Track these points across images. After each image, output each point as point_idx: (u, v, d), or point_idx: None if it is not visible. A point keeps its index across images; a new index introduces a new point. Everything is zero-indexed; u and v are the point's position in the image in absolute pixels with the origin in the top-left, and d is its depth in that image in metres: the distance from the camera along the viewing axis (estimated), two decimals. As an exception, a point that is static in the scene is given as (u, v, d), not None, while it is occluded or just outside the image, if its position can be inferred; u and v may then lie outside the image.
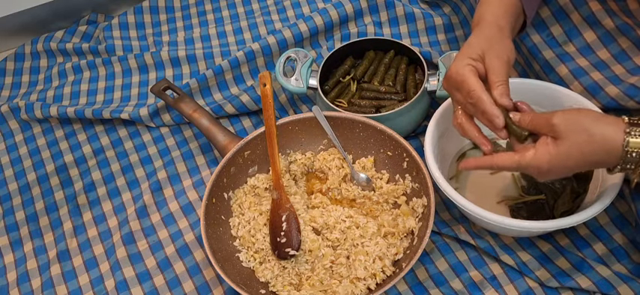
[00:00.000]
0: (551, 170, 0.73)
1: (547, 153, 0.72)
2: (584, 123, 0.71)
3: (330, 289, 0.84)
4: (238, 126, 1.10)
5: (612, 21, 0.88)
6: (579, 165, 0.73)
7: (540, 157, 0.73)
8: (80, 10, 1.29)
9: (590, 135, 0.70)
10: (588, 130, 0.70)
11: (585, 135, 0.70)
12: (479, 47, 0.78)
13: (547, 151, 0.72)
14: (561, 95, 0.89)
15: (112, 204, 1.03)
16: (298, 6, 1.27)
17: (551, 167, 0.73)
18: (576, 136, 0.70)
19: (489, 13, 0.82)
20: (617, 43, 0.89)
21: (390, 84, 1.05)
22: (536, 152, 0.73)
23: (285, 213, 0.91)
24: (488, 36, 0.80)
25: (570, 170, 0.74)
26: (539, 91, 0.90)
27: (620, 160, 0.70)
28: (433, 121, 0.89)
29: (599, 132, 0.70)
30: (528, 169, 0.75)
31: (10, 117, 1.16)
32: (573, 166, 0.73)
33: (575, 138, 0.70)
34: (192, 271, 0.93)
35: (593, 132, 0.70)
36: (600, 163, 0.72)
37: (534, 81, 0.91)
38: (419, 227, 0.88)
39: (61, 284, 0.94)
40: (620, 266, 0.85)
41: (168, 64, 1.19)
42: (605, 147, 0.70)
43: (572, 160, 0.71)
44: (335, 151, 0.98)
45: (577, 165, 0.72)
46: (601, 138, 0.70)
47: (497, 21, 0.81)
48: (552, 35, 0.94)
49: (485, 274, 0.87)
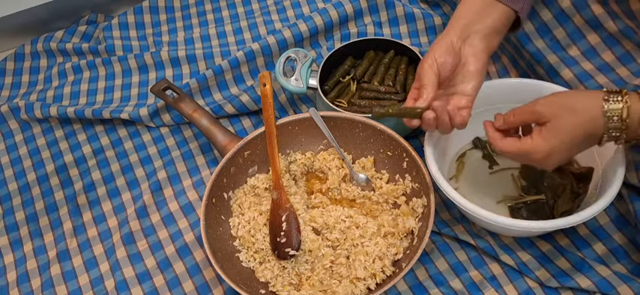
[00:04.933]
0: (552, 154, 0.75)
1: (542, 139, 0.75)
2: (566, 100, 0.75)
3: (330, 289, 0.84)
4: (238, 126, 1.10)
5: (615, 24, 0.88)
6: (575, 142, 0.74)
7: (538, 144, 0.75)
8: (80, 10, 1.29)
9: (573, 109, 0.73)
10: (571, 106, 0.73)
11: (569, 110, 0.73)
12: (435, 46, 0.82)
13: (542, 138, 0.75)
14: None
15: (111, 204, 1.03)
16: (298, 6, 1.27)
17: (551, 150, 0.75)
18: (562, 113, 0.73)
19: (457, 11, 0.85)
20: (621, 45, 0.89)
21: (390, 84, 1.05)
22: (533, 140, 0.75)
23: (285, 213, 0.91)
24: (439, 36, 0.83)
25: (569, 149, 0.75)
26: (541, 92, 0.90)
27: (604, 128, 0.73)
28: (433, 121, 0.89)
29: (581, 105, 0.73)
30: (530, 157, 0.76)
31: (10, 117, 1.16)
32: (570, 143, 0.74)
33: (562, 115, 0.73)
34: (192, 271, 0.93)
35: (576, 106, 0.73)
36: (590, 136, 0.74)
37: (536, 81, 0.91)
38: (419, 227, 0.88)
39: (61, 284, 0.94)
40: (619, 266, 0.85)
41: (168, 64, 1.19)
42: (589, 116, 0.73)
43: (567, 136, 0.74)
44: (335, 151, 0.98)
45: (573, 141, 0.74)
46: (583, 108, 0.73)
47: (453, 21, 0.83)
48: (556, 39, 0.94)
49: (485, 274, 0.87)
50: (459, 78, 0.82)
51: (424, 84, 0.80)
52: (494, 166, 0.95)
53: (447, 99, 0.81)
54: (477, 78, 0.81)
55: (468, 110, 0.81)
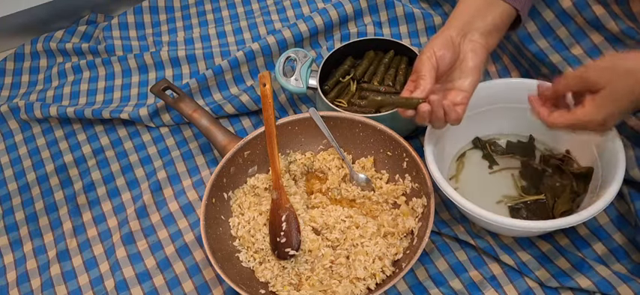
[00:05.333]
0: (608, 119, 0.74)
1: (597, 107, 0.73)
2: (618, 63, 0.72)
3: (330, 289, 0.84)
4: (238, 126, 1.10)
5: (616, 25, 0.88)
6: (631, 104, 0.73)
7: (593, 112, 0.73)
8: (80, 10, 1.29)
9: (628, 71, 0.71)
10: (626, 68, 0.72)
11: (624, 73, 0.72)
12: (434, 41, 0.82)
13: (597, 105, 0.73)
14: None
15: (111, 204, 1.03)
16: (298, 6, 1.27)
17: (608, 116, 0.73)
18: (617, 79, 0.72)
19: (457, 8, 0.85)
20: (624, 44, 0.89)
21: (389, 84, 1.05)
22: (587, 109, 0.74)
23: (284, 213, 0.91)
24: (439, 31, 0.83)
25: (626, 110, 0.74)
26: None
27: None
28: (433, 121, 0.89)
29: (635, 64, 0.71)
30: (585, 127, 0.75)
31: (9, 117, 1.16)
32: (627, 106, 0.73)
33: (617, 80, 0.71)
34: (191, 271, 0.93)
35: (630, 67, 0.71)
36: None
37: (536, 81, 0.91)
38: (419, 227, 0.88)
39: (61, 284, 0.94)
40: (619, 266, 0.85)
41: (168, 64, 1.19)
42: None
43: (625, 101, 0.72)
44: (335, 151, 0.98)
45: (630, 104, 0.73)
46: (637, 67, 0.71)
47: (453, 17, 0.84)
48: (559, 38, 0.94)
49: (485, 274, 0.87)
50: (457, 73, 0.81)
51: (422, 76, 0.79)
52: (494, 166, 0.95)
53: (443, 93, 0.81)
54: (475, 75, 0.81)
55: (463, 107, 0.80)
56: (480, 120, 0.95)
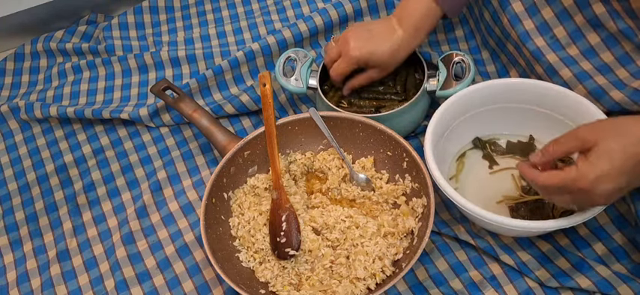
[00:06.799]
0: (601, 180, 0.69)
1: (588, 165, 0.69)
2: (611, 123, 0.71)
3: (330, 289, 0.84)
4: (238, 126, 1.10)
5: (615, 24, 0.88)
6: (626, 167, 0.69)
7: (584, 170, 0.70)
8: (80, 10, 1.29)
9: (620, 131, 0.69)
10: (618, 128, 0.70)
11: (616, 132, 0.69)
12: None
13: (588, 163, 0.69)
14: (565, 96, 0.89)
15: (111, 204, 1.03)
16: (298, 6, 1.27)
17: (600, 176, 0.69)
18: (608, 136, 0.69)
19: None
20: (621, 45, 0.89)
21: (389, 84, 1.05)
22: (579, 168, 0.70)
23: (284, 213, 0.91)
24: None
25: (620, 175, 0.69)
26: (542, 93, 0.91)
27: None
28: (433, 121, 0.89)
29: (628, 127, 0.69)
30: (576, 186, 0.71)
31: (9, 117, 1.16)
32: (620, 168, 0.69)
33: (608, 138, 0.69)
34: (191, 271, 0.93)
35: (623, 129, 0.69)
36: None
37: (537, 81, 0.91)
38: (419, 227, 0.88)
39: (61, 284, 0.94)
40: (619, 266, 0.85)
41: (168, 64, 1.19)
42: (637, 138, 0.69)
43: (617, 160, 0.69)
44: (335, 151, 0.98)
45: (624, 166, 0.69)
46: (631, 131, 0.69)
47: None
48: (556, 37, 0.94)
49: (485, 274, 0.87)
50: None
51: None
52: (494, 166, 0.95)
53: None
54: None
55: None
56: (480, 120, 0.95)
